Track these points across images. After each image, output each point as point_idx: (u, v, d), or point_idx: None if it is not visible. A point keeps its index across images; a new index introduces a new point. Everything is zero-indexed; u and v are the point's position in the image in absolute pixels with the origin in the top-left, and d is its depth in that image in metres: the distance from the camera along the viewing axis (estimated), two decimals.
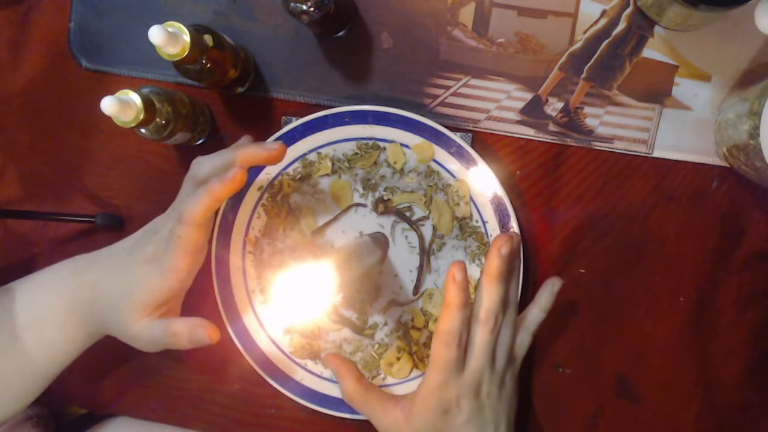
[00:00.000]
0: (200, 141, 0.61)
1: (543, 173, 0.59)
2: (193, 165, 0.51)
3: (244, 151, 0.50)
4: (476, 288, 0.58)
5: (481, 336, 0.49)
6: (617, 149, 0.58)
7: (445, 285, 0.48)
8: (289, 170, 0.60)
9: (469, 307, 0.49)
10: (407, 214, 0.59)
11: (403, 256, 0.60)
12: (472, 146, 0.58)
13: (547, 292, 0.53)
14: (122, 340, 0.52)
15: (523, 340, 0.52)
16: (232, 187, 0.47)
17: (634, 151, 0.58)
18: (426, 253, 0.59)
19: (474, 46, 0.59)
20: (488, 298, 0.49)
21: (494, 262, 0.49)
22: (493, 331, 0.49)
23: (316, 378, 0.59)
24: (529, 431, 0.60)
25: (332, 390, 0.59)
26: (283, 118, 0.60)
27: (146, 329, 0.50)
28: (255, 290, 0.60)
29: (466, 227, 0.59)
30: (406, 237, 0.60)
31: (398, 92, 0.60)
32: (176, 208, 0.51)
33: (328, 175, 0.60)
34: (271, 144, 0.50)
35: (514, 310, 0.51)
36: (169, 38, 0.47)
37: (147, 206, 0.62)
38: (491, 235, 0.58)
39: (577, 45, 0.58)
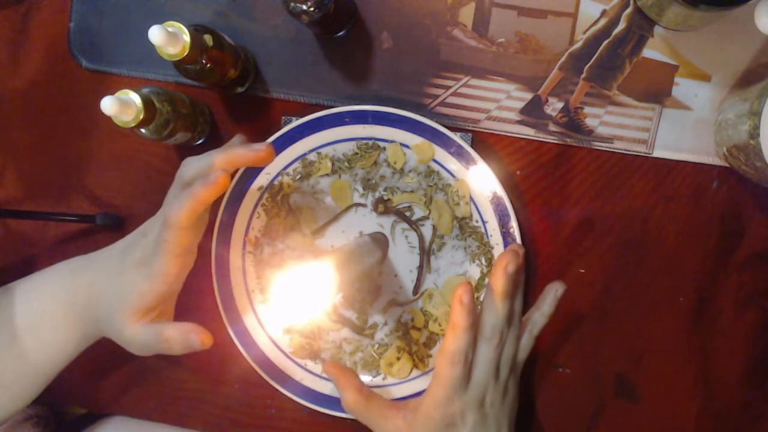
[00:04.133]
0: (200, 141, 0.61)
1: (543, 173, 0.59)
2: (182, 166, 0.50)
3: (230, 154, 0.48)
4: (476, 287, 0.58)
5: (486, 352, 0.49)
6: (617, 149, 0.58)
7: (451, 306, 0.48)
8: (289, 170, 0.60)
9: (475, 328, 0.49)
10: (407, 214, 0.59)
11: (403, 256, 0.60)
12: (472, 146, 0.58)
13: (551, 298, 0.52)
14: (117, 343, 0.52)
15: (525, 345, 0.52)
16: (214, 191, 0.46)
17: (634, 151, 0.58)
18: (426, 253, 0.59)
19: (474, 46, 0.59)
20: (494, 314, 0.49)
21: (500, 280, 0.48)
22: (498, 346, 0.49)
23: (316, 378, 0.59)
24: (530, 431, 0.60)
25: (332, 390, 0.59)
26: (283, 118, 0.60)
27: (138, 334, 0.49)
28: (255, 290, 0.60)
29: (466, 227, 0.59)
30: (406, 237, 0.60)
31: (398, 92, 0.60)
32: (163, 210, 0.51)
33: (328, 175, 0.60)
34: (258, 145, 0.49)
35: (518, 321, 0.51)
36: (169, 38, 0.47)
37: (147, 206, 0.62)
38: (491, 235, 0.58)
39: (577, 45, 0.58)
